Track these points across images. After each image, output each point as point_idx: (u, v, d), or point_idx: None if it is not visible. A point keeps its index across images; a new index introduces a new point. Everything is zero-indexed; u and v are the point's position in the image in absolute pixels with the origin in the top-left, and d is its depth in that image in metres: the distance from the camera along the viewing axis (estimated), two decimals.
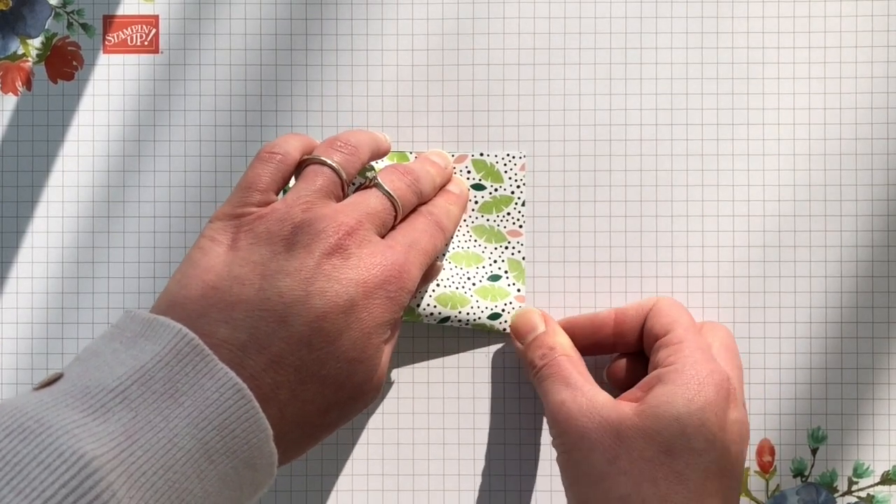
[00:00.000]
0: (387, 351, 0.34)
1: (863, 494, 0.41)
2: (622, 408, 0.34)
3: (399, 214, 0.36)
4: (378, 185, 0.35)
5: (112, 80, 0.42)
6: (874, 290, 0.41)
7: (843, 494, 0.41)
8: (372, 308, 0.32)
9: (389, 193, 0.35)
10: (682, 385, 0.34)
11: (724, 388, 0.34)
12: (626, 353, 0.39)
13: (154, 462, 0.26)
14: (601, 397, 0.35)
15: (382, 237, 0.35)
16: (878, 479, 0.41)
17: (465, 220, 0.41)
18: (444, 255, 0.40)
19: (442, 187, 0.40)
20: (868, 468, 0.41)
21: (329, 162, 0.35)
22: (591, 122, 0.41)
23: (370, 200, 0.35)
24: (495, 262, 0.41)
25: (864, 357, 0.41)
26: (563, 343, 0.38)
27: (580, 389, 0.35)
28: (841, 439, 0.41)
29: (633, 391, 0.35)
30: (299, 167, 0.36)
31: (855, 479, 0.41)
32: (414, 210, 0.37)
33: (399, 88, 0.41)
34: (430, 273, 0.38)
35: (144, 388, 0.27)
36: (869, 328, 0.41)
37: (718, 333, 0.38)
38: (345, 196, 0.36)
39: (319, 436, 0.33)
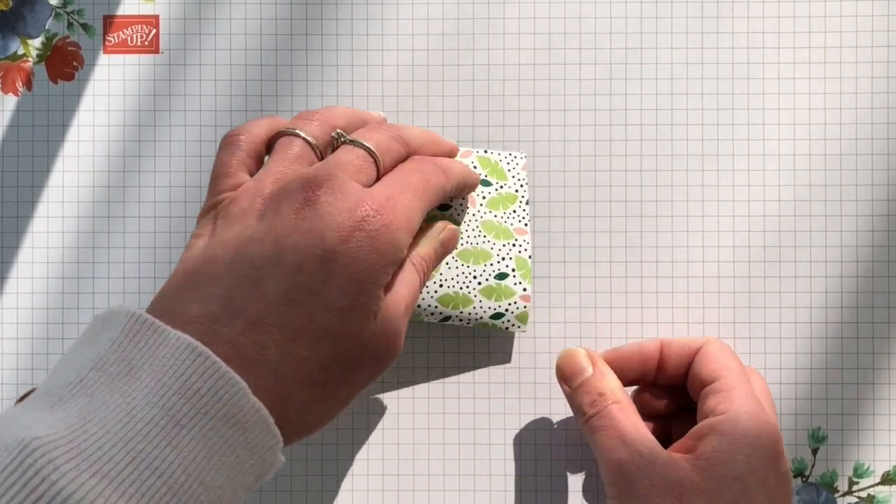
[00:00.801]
0: (392, 299, 0.32)
1: (863, 494, 0.41)
2: (681, 466, 0.33)
3: (381, 166, 0.33)
4: (352, 141, 0.34)
5: (112, 80, 0.42)
6: (874, 290, 0.41)
7: (844, 494, 0.41)
8: (353, 252, 0.30)
9: (363, 144, 0.33)
10: (738, 438, 0.33)
11: (778, 440, 0.33)
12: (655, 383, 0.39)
13: (112, 436, 0.25)
14: (661, 456, 0.33)
15: None
16: (878, 480, 0.41)
17: (474, 215, 0.40)
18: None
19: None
20: (868, 468, 0.41)
21: (298, 132, 0.34)
22: (591, 122, 0.41)
23: (341, 155, 0.33)
24: (503, 259, 0.40)
25: (864, 357, 0.41)
26: (614, 387, 0.36)
27: (637, 447, 0.34)
28: (841, 439, 0.41)
29: (685, 441, 0.34)
30: (271, 145, 0.35)
31: (855, 480, 0.41)
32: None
33: (399, 88, 0.41)
34: (448, 242, 0.36)
35: (101, 373, 0.26)
36: (869, 328, 0.41)
37: (756, 379, 0.37)
38: None
39: (334, 397, 0.31)
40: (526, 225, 0.41)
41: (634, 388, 0.40)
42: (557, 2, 0.41)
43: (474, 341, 0.41)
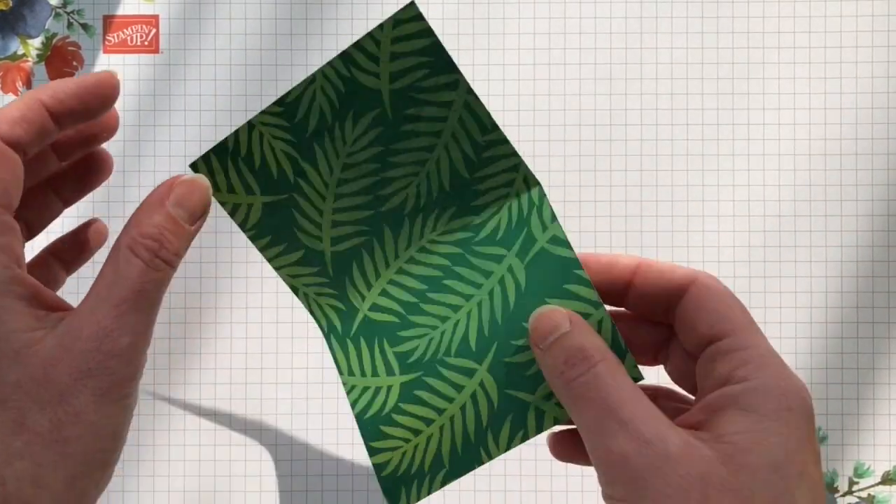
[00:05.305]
0: None
1: (863, 495, 0.41)
2: (701, 454, 0.25)
3: None
4: None
5: None
6: (874, 290, 0.41)
7: (844, 495, 0.41)
8: None
9: None
10: (769, 414, 0.25)
11: (811, 409, 0.26)
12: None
13: None
14: (674, 442, 0.25)
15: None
16: (878, 480, 0.41)
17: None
18: None
19: None
20: (869, 468, 0.41)
21: None
22: (591, 122, 0.41)
23: None
24: None
25: (864, 357, 0.41)
26: (597, 343, 0.28)
27: (641, 430, 0.26)
28: (841, 439, 0.41)
29: (696, 413, 0.27)
30: None
31: (856, 480, 0.41)
32: None
33: None
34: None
35: None
36: (869, 328, 0.41)
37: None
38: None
39: None
40: None
41: None
42: (557, 2, 0.41)
43: None
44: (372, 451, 0.32)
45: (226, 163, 0.32)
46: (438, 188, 0.33)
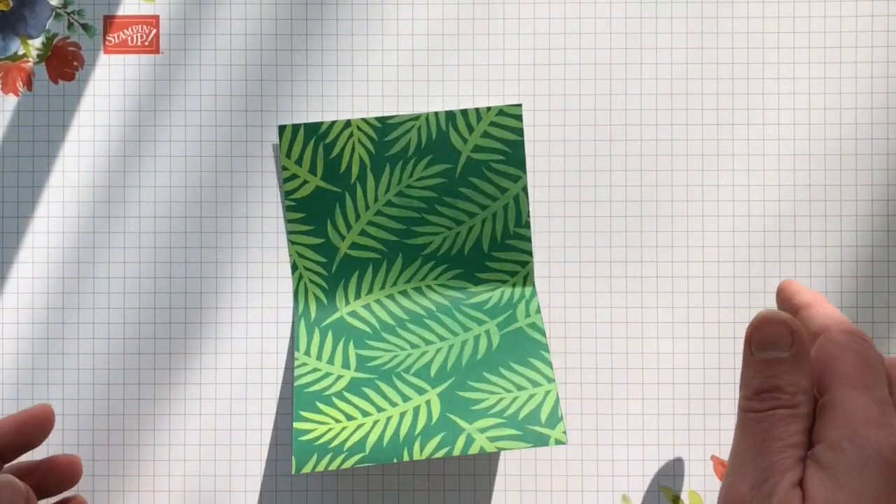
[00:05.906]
0: None
1: None
2: None
3: None
4: None
5: (112, 80, 0.42)
6: (874, 290, 0.41)
7: None
8: None
9: None
10: (844, 472, 0.27)
11: (892, 462, 0.27)
12: None
13: None
14: (777, 499, 0.27)
15: None
16: None
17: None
18: None
19: None
20: None
21: None
22: (591, 122, 0.41)
23: None
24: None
25: None
26: (795, 387, 0.28)
27: (762, 484, 0.27)
28: None
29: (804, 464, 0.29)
30: None
31: None
32: None
33: (399, 88, 0.41)
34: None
35: None
36: (869, 328, 0.41)
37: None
38: None
39: None
40: None
41: None
42: (557, 2, 0.42)
43: None
44: (298, 418, 0.36)
45: (309, 139, 0.38)
46: (459, 248, 0.39)
